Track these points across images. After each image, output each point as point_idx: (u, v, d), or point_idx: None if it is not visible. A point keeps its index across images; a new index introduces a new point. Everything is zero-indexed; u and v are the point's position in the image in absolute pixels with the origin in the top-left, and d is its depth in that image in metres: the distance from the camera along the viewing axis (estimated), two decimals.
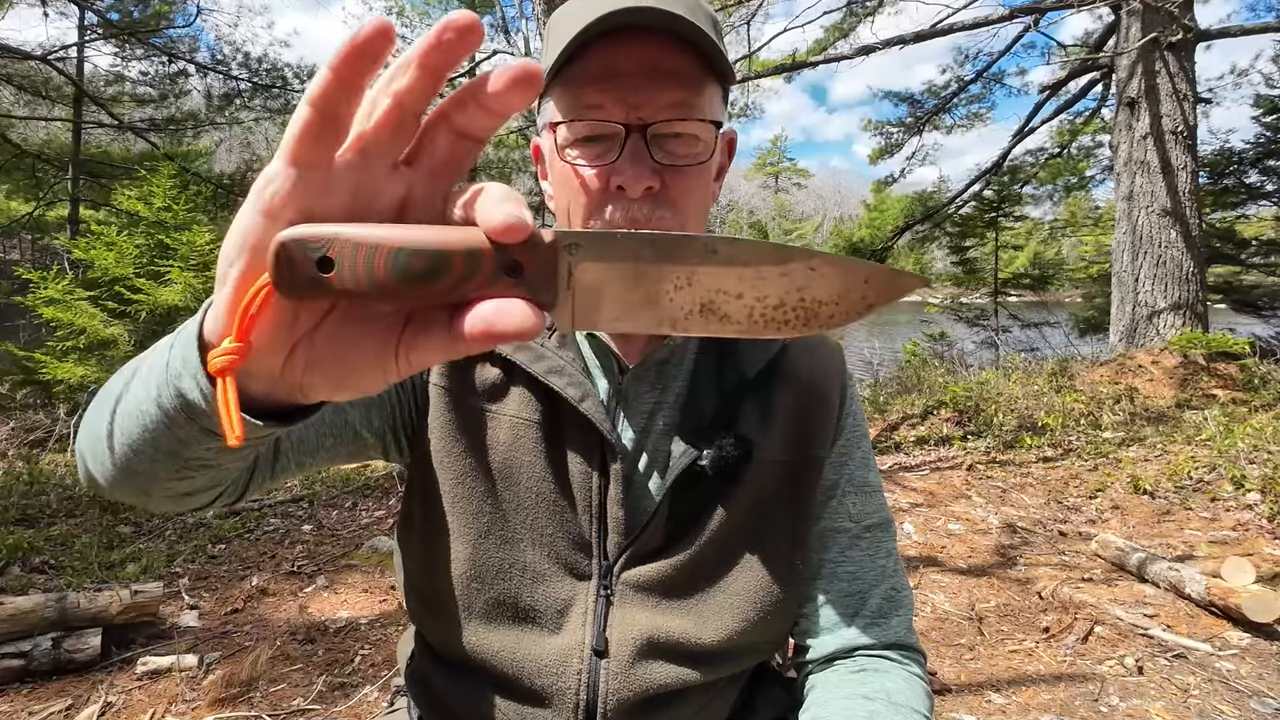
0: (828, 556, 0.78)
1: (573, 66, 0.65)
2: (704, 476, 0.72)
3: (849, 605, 0.76)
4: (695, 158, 0.66)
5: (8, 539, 3.22)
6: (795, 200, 65.63)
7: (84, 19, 12.02)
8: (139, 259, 8.26)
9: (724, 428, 0.73)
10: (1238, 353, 6.21)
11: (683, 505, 0.73)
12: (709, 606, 0.73)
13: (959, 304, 13.03)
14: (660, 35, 0.62)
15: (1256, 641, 2.39)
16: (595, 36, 0.62)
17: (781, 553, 0.75)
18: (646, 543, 0.73)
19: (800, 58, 9.01)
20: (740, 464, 0.73)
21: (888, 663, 0.74)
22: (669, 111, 0.64)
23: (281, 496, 4.42)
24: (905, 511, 3.89)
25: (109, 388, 0.54)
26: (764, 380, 0.76)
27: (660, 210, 0.65)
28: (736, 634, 0.73)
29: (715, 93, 0.68)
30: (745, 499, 0.73)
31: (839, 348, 0.85)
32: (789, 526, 0.76)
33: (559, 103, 0.67)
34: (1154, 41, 6.84)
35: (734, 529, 0.74)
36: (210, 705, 2.13)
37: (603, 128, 0.64)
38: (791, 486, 0.76)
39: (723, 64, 0.66)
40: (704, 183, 0.69)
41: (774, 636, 0.78)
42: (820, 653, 0.76)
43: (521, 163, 17.40)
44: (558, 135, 0.67)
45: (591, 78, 0.64)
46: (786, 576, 0.75)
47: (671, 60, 0.63)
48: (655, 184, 0.64)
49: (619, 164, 0.64)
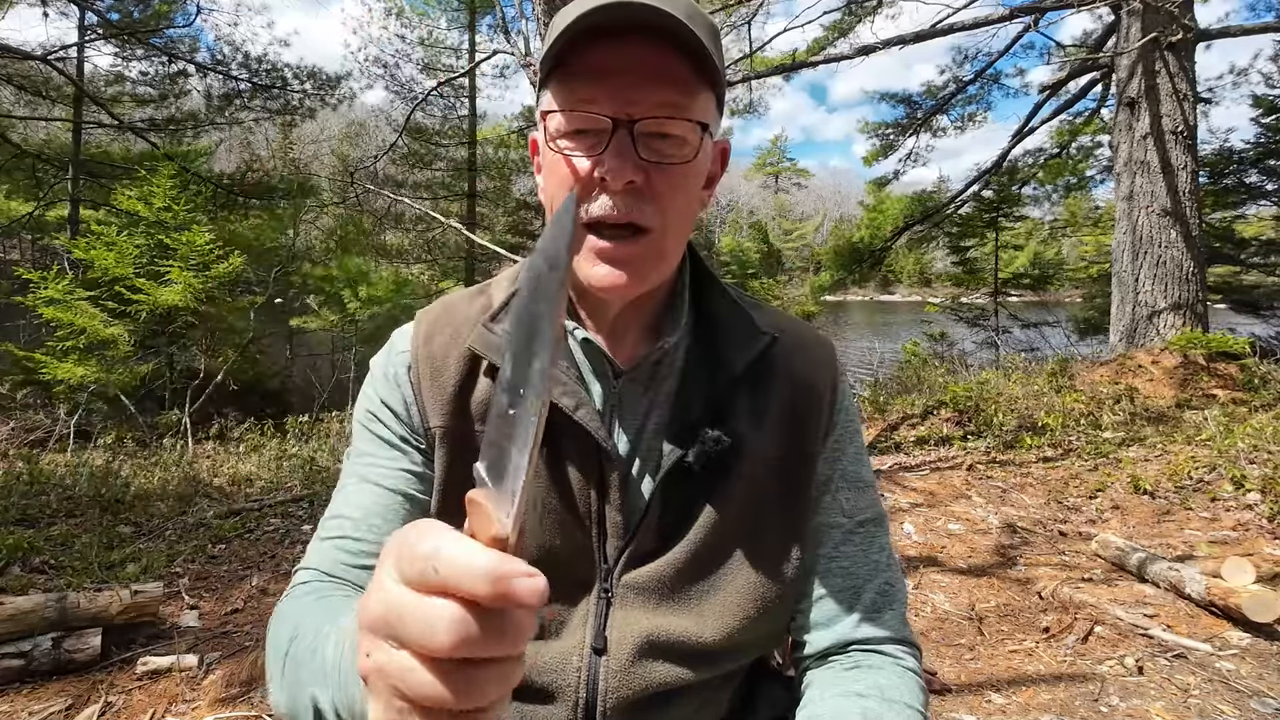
0: (821, 552, 0.78)
1: (571, 60, 0.66)
2: (693, 474, 0.72)
3: (843, 600, 0.77)
4: (680, 158, 0.67)
5: (8, 539, 3.22)
6: (795, 200, 65.60)
7: (84, 19, 12.03)
8: (139, 259, 8.26)
9: (712, 424, 0.74)
10: (1238, 353, 6.21)
11: (675, 504, 0.74)
12: (708, 605, 0.74)
13: (959, 304, 13.04)
14: (658, 38, 0.64)
15: (1256, 641, 2.39)
16: (595, 33, 0.63)
17: (778, 549, 0.76)
18: (642, 544, 0.73)
19: (800, 57, 9.01)
20: (729, 459, 0.73)
21: (881, 658, 0.75)
22: (658, 110, 0.65)
23: (281, 497, 4.42)
24: (905, 511, 3.89)
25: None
26: (755, 376, 0.77)
27: (641, 204, 0.66)
28: (736, 631, 0.73)
29: (708, 100, 0.69)
30: (738, 496, 0.74)
31: (830, 344, 0.85)
32: (785, 522, 0.76)
33: (554, 94, 0.68)
34: (1154, 41, 6.84)
35: (729, 526, 0.74)
36: (210, 705, 2.13)
37: (592, 121, 0.65)
38: (785, 482, 0.76)
39: (715, 73, 0.67)
40: (688, 184, 0.70)
41: (773, 632, 0.79)
42: (815, 648, 0.77)
43: (521, 163, 17.39)
44: (549, 125, 0.68)
45: (587, 72, 0.65)
46: (784, 572, 0.76)
47: (666, 62, 0.65)
48: (638, 179, 0.65)
49: (604, 156, 0.65)
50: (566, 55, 0.66)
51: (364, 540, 0.73)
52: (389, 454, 0.78)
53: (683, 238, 0.73)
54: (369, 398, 0.81)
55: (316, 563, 0.74)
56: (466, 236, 9.13)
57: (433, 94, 15.74)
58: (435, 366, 0.77)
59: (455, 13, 16.85)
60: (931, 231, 12.42)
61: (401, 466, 0.77)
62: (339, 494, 0.78)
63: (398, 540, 0.34)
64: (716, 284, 0.82)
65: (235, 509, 4.09)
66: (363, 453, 0.79)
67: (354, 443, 0.82)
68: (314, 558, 0.75)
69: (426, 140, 16.94)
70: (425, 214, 13.59)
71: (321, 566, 0.74)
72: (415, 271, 17.21)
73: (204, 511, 4.03)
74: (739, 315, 0.79)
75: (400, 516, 0.75)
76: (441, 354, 0.78)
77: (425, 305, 0.87)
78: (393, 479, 0.76)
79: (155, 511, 4.03)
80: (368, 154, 18.75)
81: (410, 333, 0.82)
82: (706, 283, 0.82)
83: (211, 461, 5.72)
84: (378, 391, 0.80)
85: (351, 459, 0.80)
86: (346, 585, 0.72)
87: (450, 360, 0.77)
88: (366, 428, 0.80)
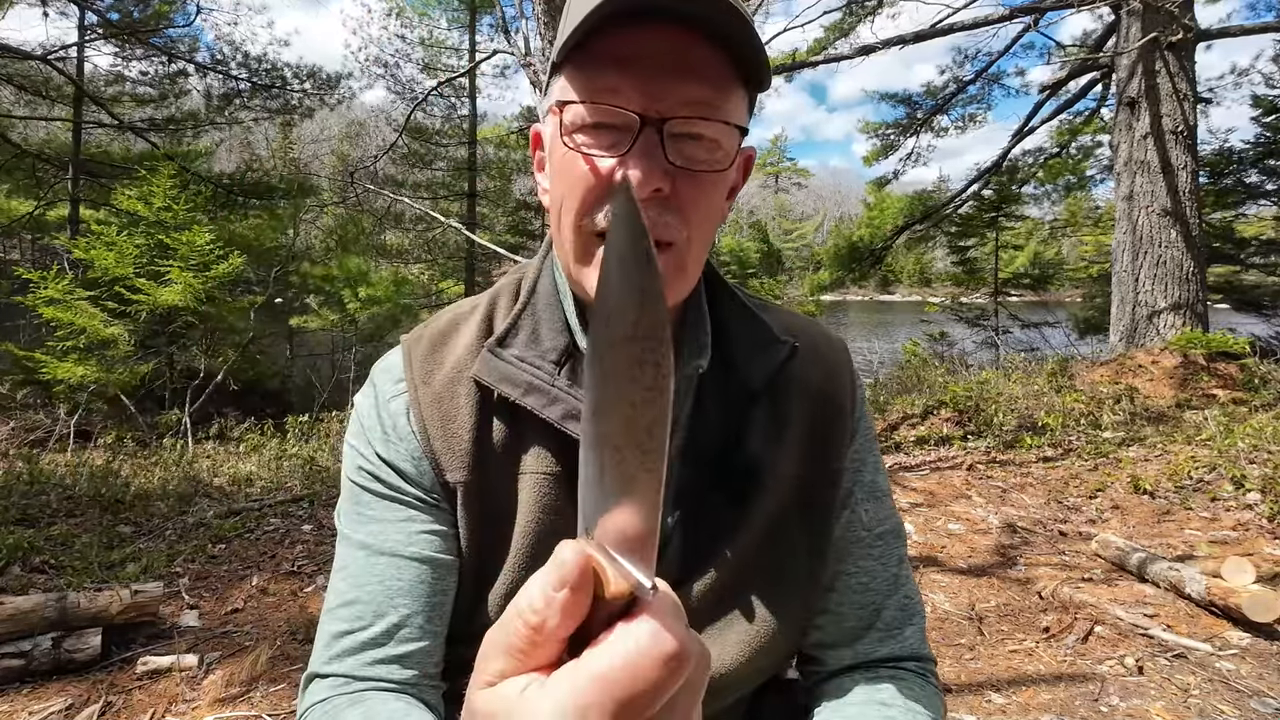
0: (841, 567, 0.75)
1: (591, 44, 0.57)
2: (714, 501, 0.69)
3: (863, 617, 0.74)
4: (713, 164, 0.59)
5: (8, 539, 3.22)
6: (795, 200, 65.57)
7: (84, 19, 12.02)
8: (139, 259, 8.25)
9: (733, 446, 0.70)
10: (1238, 352, 6.21)
11: (696, 534, 0.70)
12: (730, 634, 0.70)
13: (959, 304, 13.05)
14: (692, 25, 0.56)
15: (1256, 641, 2.39)
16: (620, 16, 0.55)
17: (801, 570, 0.72)
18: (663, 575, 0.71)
19: (800, 57, 9.01)
20: (750, 483, 0.69)
21: (904, 672, 0.73)
22: (690, 109, 0.57)
23: (281, 497, 4.42)
24: (905, 511, 3.89)
25: None
26: (774, 392, 0.72)
27: (667, 216, 0.59)
28: (757, 656, 0.71)
29: (742, 98, 0.61)
30: (761, 520, 0.70)
31: (843, 345, 0.81)
32: (809, 542, 0.72)
33: (571, 81, 0.59)
34: (1154, 41, 6.84)
35: (751, 553, 0.70)
36: (210, 705, 2.13)
37: (616, 115, 0.57)
38: (808, 501, 0.72)
39: (757, 69, 0.59)
40: (717, 194, 0.62)
41: (791, 651, 0.77)
42: (836, 665, 0.75)
43: (521, 163, 17.39)
44: (564, 117, 0.59)
45: (611, 58, 0.57)
46: (806, 593, 0.73)
47: (701, 53, 0.57)
48: (665, 186, 0.57)
49: (628, 158, 0.57)
50: (588, 39, 0.57)
51: (391, 629, 0.65)
52: (401, 515, 0.68)
53: (705, 252, 0.65)
54: (361, 455, 0.70)
55: (335, 667, 0.65)
56: (466, 236, 9.13)
57: (433, 94, 15.73)
58: (443, 411, 0.68)
59: (455, 13, 16.85)
60: (931, 231, 12.43)
61: (420, 529, 0.68)
62: (342, 574, 0.68)
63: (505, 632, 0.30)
64: (727, 290, 0.77)
65: (235, 509, 4.09)
66: (366, 518, 0.69)
67: (349, 504, 0.71)
68: (330, 660, 0.65)
69: (426, 140, 16.93)
70: (425, 214, 13.58)
71: (343, 671, 0.64)
72: (415, 271, 17.22)
73: (204, 511, 4.02)
74: (753, 323, 0.74)
75: (428, 588, 0.67)
76: (447, 394, 0.68)
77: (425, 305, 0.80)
78: (412, 545, 0.67)
79: (155, 511, 4.03)
80: (368, 154, 18.78)
81: (399, 370, 0.72)
82: (718, 289, 0.76)
83: (211, 461, 5.72)
84: (374, 448, 0.70)
85: (350, 524, 0.70)
86: (379, 686, 0.64)
87: (460, 400, 0.68)
88: (366, 490, 0.69)
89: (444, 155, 17.45)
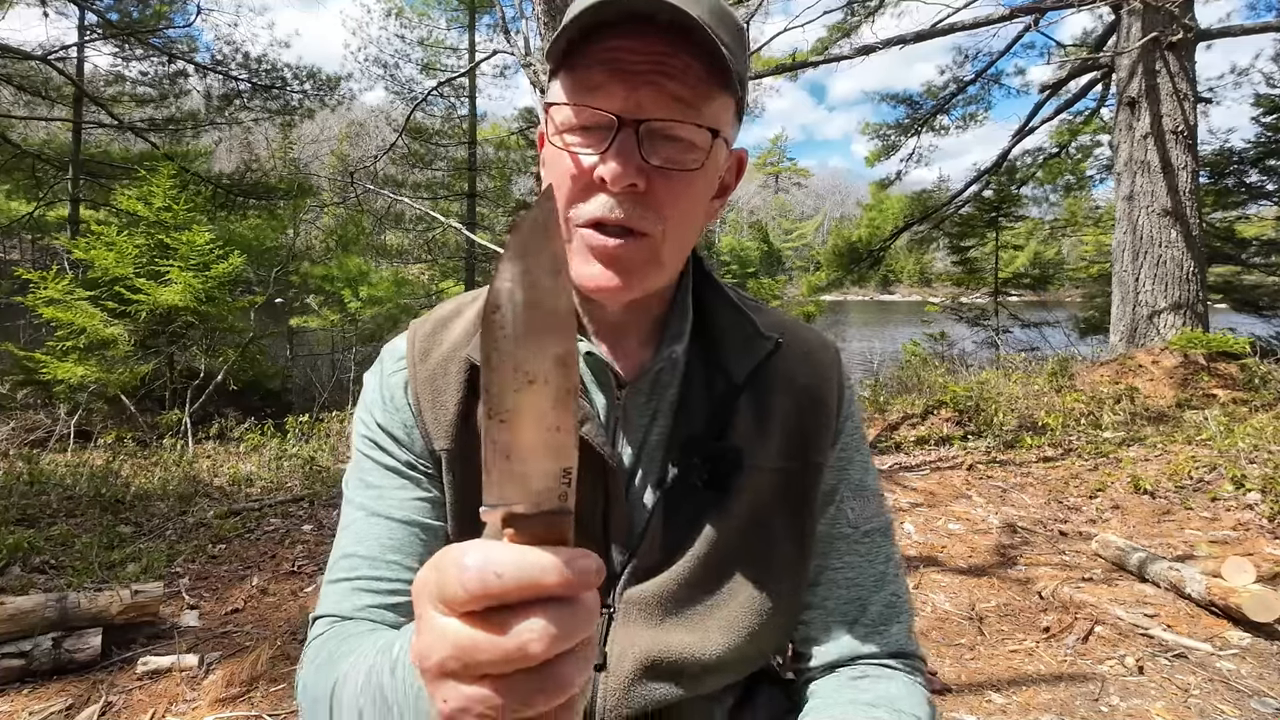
0: (826, 563, 0.77)
1: (580, 49, 0.62)
2: (696, 487, 0.71)
3: (849, 613, 0.76)
4: (687, 164, 0.63)
5: (8, 539, 3.22)
6: (795, 200, 65.66)
7: (84, 19, 12.04)
8: (139, 259, 8.26)
9: (715, 435, 0.72)
10: (1238, 352, 6.22)
11: (678, 518, 0.72)
12: (712, 619, 0.72)
13: (959, 304, 13.04)
14: (675, 35, 0.60)
15: (1257, 641, 2.39)
16: (608, 24, 0.60)
17: (783, 561, 0.74)
18: (645, 559, 0.72)
19: (801, 57, 9.00)
20: (732, 471, 0.71)
21: (890, 670, 0.74)
22: (667, 110, 0.61)
23: (281, 497, 4.42)
24: (905, 511, 3.89)
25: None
26: (758, 385, 0.75)
27: (641, 211, 0.62)
28: (740, 645, 0.72)
29: (724, 105, 0.65)
30: (742, 508, 0.72)
31: (834, 348, 0.83)
32: (790, 533, 0.74)
33: (562, 84, 0.65)
34: (1154, 41, 6.84)
35: (733, 539, 0.72)
36: (210, 705, 2.13)
37: (596, 116, 0.62)
38: (790, 493, 0.74)
39: (733, 75, 0.62)
40: (693, 193, 0.65)
41: (777, 643, 0.77)
42: (821, 661, 0.76)
43: (521, 163, 17.41)
44: (555, 117, 0.65)
45: (595, 64, 0.62)
46: (790, 585, 0.74)
47: (681, 60, 0.61)
48: (639, 183, 0.61)
49: (606, 155, 0.61)
50: (577, 45, 0.62)
51: (384, 579, 0.70)
52: (396, 483, 0.74)
53: (684, 248, 0.69)
54: (366, 424, 0.77)
55: (333, 608, 0.71)
56: (466, 236, 9.13)
57: (433, 94, 15.71)
58: (435, 385, 0.74)
59: (455, 13, 16.87)
60: (931, 231, 12.42)
61: (412, 496, 0.74)
62: (345, 531, 0.75)
63: (436, 570, 0.33)
64: (718, 287, 0.79)
65: (235, 509, 4.09)
66: (367, 484, 0.75)
67: (354, 471, 0.78)
68: (329, 603, 0.71)
69: (426, 140, 16.94)
70: (425, 214, 13.59)
71: (339, 612, 0.70)
72: (415, 271, 17.22)
73: (204, 511, 4.03)
74: (740, 319, 0.77)
75: (418, 549, 0.72)
76: (440, 370, 0.74)
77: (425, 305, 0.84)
78: (404, 510, 0.73)
79: (155, 511, 4.03)
80: (368, 154, 18.74)
81: (402, 349, 0.78)
82: (708, 286, 0.79)
83: (211, 461, 5.72)
84: (375, 416, 0.76)
85: (354, 488, 0.76)
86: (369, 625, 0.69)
87: (450, 376, 0.74)
88: (368, 456, 0.76)
89: (444, 155, 17.46)
